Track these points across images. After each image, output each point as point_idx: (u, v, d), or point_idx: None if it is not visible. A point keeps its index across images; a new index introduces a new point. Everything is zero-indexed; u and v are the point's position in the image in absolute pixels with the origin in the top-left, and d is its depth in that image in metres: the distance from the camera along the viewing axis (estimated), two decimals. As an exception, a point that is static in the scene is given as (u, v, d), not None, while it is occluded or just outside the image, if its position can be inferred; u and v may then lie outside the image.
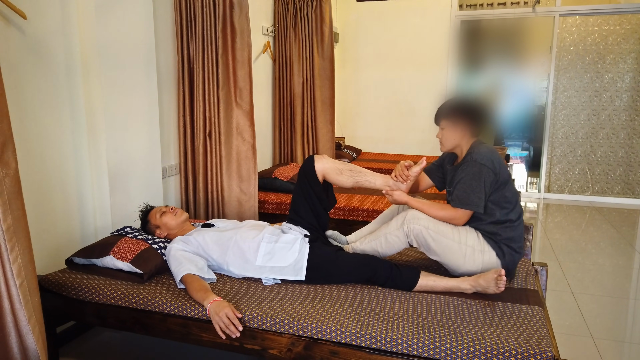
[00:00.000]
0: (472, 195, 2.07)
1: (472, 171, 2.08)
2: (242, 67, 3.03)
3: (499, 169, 2.09)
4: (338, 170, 2.30)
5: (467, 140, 2.21)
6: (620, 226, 4.63)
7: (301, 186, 2.32)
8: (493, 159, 2.09)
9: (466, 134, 2.19)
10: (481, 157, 2.08)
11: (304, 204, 2.30)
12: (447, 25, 5.74)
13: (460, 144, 2.22)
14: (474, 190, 2.07)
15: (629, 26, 5.37)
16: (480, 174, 2.06)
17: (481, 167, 2.06)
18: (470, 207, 2.08)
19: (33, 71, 2.20)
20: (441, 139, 2.28)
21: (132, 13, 2.57)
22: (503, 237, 2.12)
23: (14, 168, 1.52)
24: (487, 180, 2.07)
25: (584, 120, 5.64)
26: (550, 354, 1.55)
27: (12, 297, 1.56)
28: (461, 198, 2.09)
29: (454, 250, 2.11)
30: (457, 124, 2.19)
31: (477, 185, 2.06)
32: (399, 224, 2.20)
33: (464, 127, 2.18)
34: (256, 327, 1.83)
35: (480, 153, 2.10)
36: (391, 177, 2.31)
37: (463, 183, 2.10)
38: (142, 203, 2.64)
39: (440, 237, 2.12)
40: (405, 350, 1.66)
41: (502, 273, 1.93)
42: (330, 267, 2.09)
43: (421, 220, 2.15)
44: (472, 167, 2.08)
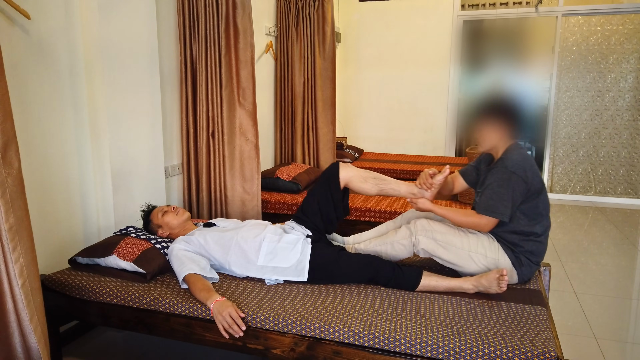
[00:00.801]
0: (498, 203, 2.01)
1: (502, 178, 2.01)
2: (245, 67, 3.03)
3: (532, 177, 2.01)
4: (362, 178, 2.30)
5: (505, 141, 2.13)
6: (622, 226, 4.62)
7: (320, 190, 2.31)
8: (525, 166, 2.02)
9: (504, 135, 2.12)
10: (512, 163, 2.01)
11: (317, 207, 2.29)
12: (449, 25, 5.74)
13: (498, 145, 2.15)
14: (501, 198, 2.00)
15: (632, 26, 5.36)
16: (510, 182, 1.99)
17: (511, 175, 1.99)
18: (495, 215, 2.02)
19: (36, 71, 2.20)
20: (479, 139, 2.20)
21: (135, 13, 2.58)
22: (524, 249, 2.08)
23: (16, 167, 1.52)
24: (517, 189, 2.00)
25: (586, 120, 5.63)
26: (553, 354, 1.55)
27: (15, 297, 1.56)
28: (487, 205, 2.04)
29: (464, 258, 2.11)
30: (498, 124, 2.11)
31: (505, 193, 2.00)
32: (408, 234, 2.20)
33: (504, 128, 2.11)
34: (259, 326, 1.83)
35: (512, 159, 2.03)
36: (415, 185, 2.29)
37: (491, 189, 2.04)
38: (144, 203, 2.64)
39: (449, 246, 2.12)
40: (408, 350, 1.66)
41: (504, 273, 1.93)
42: (332, 268, 2.09)
43: (428, 232, 2.15)
44: (502, 173, 2.02)
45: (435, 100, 5.89)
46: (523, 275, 2.10)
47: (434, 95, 5.90)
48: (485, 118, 2.15)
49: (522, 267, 2.09)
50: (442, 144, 5.94)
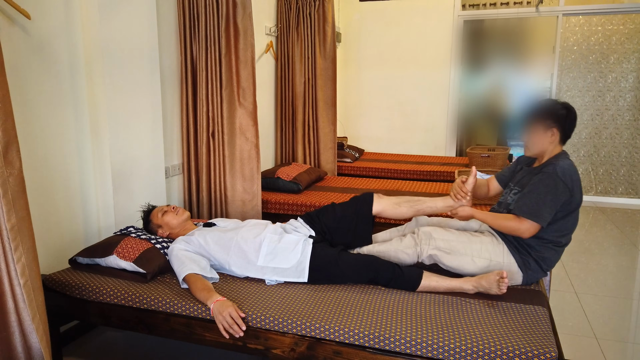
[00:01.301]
0: (543, 208, 1.96)
1: (549, 184, 1.97)
2: (245, 67, 3.03)
3: (577, 190, 1.99)
4: (395, 204, 2.34)
5: (555, 147, 2.10)
6: (623, 226, 4.62)
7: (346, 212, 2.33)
8: (574, 177, 1.99)
9: (555, 140, 2.08)
10: (562, 171, 1.98)
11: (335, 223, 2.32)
12: (450, 25, 5.73)
13: (548, 150, 2.11)
14: (546, 203, 1.96)
15: (633, 26, 5.35)
16: (557, 189, 1.96)
17: (559, 182, 1.96)
18: (539, 220, 1.97)
19: (37, 71, 2.21)
20: (527, 142, 2.15)
21: (135, 13, 2.58)
22: (542, 255, 2.07)
23: (18, 168, 1.53)
24: (561, 197, 1.96)
25: (587, 120, 5.62)
26: (554, 354, 1.55)
27: (16, 297, 1.56)
28: (531, 209, 1.98)
29: (468, 263, 2.11)
30: (550, 128, 2.07)
31: (550, 200, 1.96)
32: (412, 243, 2.21)
33: (555, 132, 2.07)
34: (259, 326, 1.83)
35: (562, 167, 1.99)
36: (451, 198, 2.27)
37: (536, 193, 1.99)
38: (144, 203, 2.65)
39: (453, 253, 2.13)
40: (408, 350, 1.66)
41: (503, 275, 1.92)
42: (332, 269, 2.09)
43: (431, 240, 2.16)
44: (550, 179, 1.98)
45: (436, 100, 5.89)
46: (529, 278, 2.09)
47: (434, 95, 5.90)
48: (538, 122, 2.10)
49: (528, 271, 2.08)
50: (443, 144, 5.94)
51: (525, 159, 2.30)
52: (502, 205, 2.23)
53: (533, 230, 2.00)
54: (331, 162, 4.64)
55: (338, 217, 2.33)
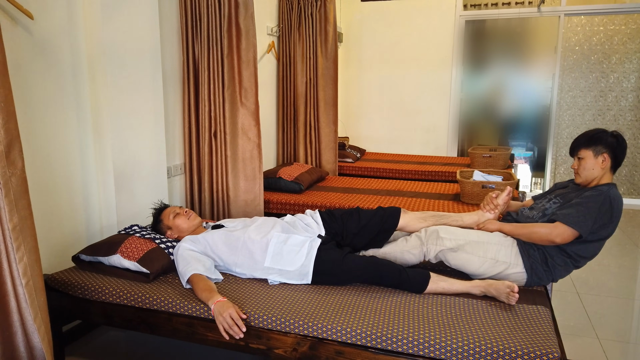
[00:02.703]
0: (589, 219, 1.96)
1: (600, 200, 1.98)
2: (247, 67, 3.03)
3: (616, 221, 2.00)
4: (421, 218, 2.34)
5: (607, 172, 2.10)
6: (625, 227, 4.61)
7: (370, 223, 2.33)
8: (619, 207, 2.00)
9: (606, 166, 2.08)
10: (613, 196, 1.99)
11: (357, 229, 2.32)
12: (451, 25, 5.73)
13: (599, 177, 2.10)
14: (591, 215, 1.96)
15: (635, 26, 5.35)
16: (604, 207, 1.97)
17: (607, 202, 1.97)
18: (579, 227, 1.96)
19: (39, 71, 2.21)
20: (578, 169, 2.15)
21: (137, 13, 2.58)
22: (555, 265, 2.06)
23: (20, 168, 1.53)
24: (603, 219, 1.98)
25: (589, 120, 5.61)
26: (556, 355, 1.55)
27: (19, 296, 1.57)
28: (573, 216, 1.98)
29: (475, 263, 2.11)
30: (599, 154, 2.08)
31: (595, 214, 1.96)
32: (418, 243, 2.21)
33: (605, 157, 2.07)
34: (261, 326, 1.83)
35: (614, 193, 2.01)
36: (481, 209, 2.31)
37: (585, 206, 1.99)
38: (153, 201, 2.64)
39: (460, 252, 2.13)
40: (410, 350, 1.66)
41: (515, 289, 1.89)
42: (336, 273, 2.07)
43: (439, 240, 2.16)
44: (602, 196, 1.99)
45: (438, 100, 5.89)
46: (532, 282, 2.09)
47: (436, 95, 5.89)
48: (589, 147, 2.10)
49: (534, 274, 2.07)
50: (444, 144, 5.94)
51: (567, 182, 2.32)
52: (537, 210, 2.21)
53: (567, 236, 1.99)
54: (332, 162, 4.64)
55: (362, 225, 2.33)
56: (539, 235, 2.03)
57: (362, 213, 2.37)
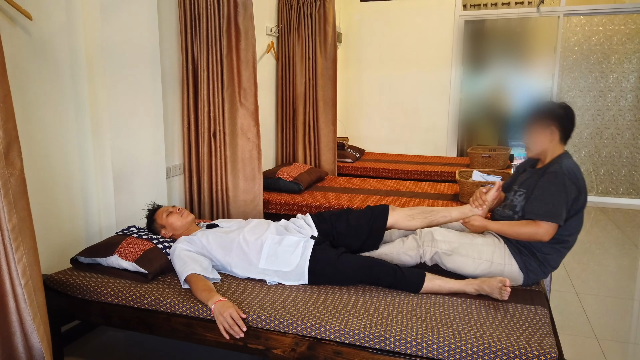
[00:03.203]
0: (558, 207, 1.96)
1: (558, 182, 1.98)
2: (246, 68, 3.03)
3: (583, 190, 1.99)
4: (409, 216, 2.31)
5: (555, 146, 2.12)
6: (624, 227, 4.61)
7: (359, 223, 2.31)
8: (579, 177, 2.00)
9: (555, 139, 2.10)
10: (569, 170, 1.99)
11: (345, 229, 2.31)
12: (451, 25, 5.73)
13: (549, 149, 2.13)
14: (559, 202, 1.96)
15: (634, 26, 5.35)
16: (566, 187, 1.97)
17: (567, 180, 1.97)
18: (556, 219, 1.96)
19: (38, 72, 2.21)
20: (528, 143, 2.18)
21: (136, 14, 2.58)
22: (543, 255, 2.07)
23: (19, 168, 1.53)
24: (571, 195, 1.97)
25: (588, 120, 5.62)
26: (554, 355, 1.55)
27: (17, 296, 1.57)
28: (547, 211, 1.98)
29: (470, 266, 2.11)
30: (550, 128, 2.10)
31: (561, 197, 1.96)
32: (415, 245, 2.21)
33: (556, 132, 2.09)
34: (260, 326, 1.83)
35: (569, 167, 2.01)
36: (470, 204, 2.28)
37: (548, 194, 2.00)
38: (148, 202, 2.65)
39: (456, 255, 2.13)
40: (408, 350, 1.66)
41: (506, 284, 1.91)
42: (332, 272, 2.07)
43: (434, 242, 2.16)
44: (558, 178, 1.99)
45: (437, 100, 5.89)
46: (529, 279, 2.10)
47: (435, 95, 5.89)
48: (537, 123, 2.13)
49: (529, 273, 2.08)
50: (444, 144, 5.94)
51: (529, 163, 2.31)
52: (508, 207, 2.22)
53: (552, 232, 2.00)
54: (332, 163, 4.64)
55: (352, 225, 2.32)
56: (526, 235, 2.04)
57: (352, 214, 2.36)
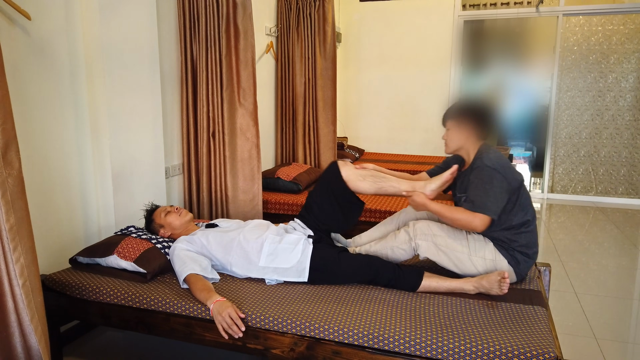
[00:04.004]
0: (487, 200, 2.00)
1: (484, 175, 2.02)
2: (245, 68, 3.03)
3: (510, 174, 2.03)
4: (361, 176, 2.24)
5: (473, 142, 2.17)
6: (623, 226, 4.62)
7: (321, 190, 2.30)
8: (503, 164, 2.04)
9: (471, 135, 2.16)
10: (491, 162, 2.03)
11: (318, 207, 2.28)
12: (450, 25, 5.73)
13: (465, 146, 2.19)
14: (488, 195, 2.00)
15: (633, 26, 5.35)
16: (492, 179, 2.00)
17: (492, 172, 2.01)
18: (486, 211, 2.00)
19: (37, 71, 2.21)
20: (446, 140, 2.25)
21: (135, 14, 2.58)
22: (519, 243, 2.08)
23: (17, 168, 1.53)
24: (501, 186, 2.00)
25: (587, 120, 5.62)
26: (553, 355, 1.55)
27: (15, 297, 1.56)
28: (477, 203, 2.01)
29: (464, 261, 2.11)
30: (463, 125, 2.17)
31: (490, 190, 2.00)
32: (407, 238, 2.20)
33: (469, 129, 2.16)
34: (259, 326, 1.83)
35: (490, 158, 2.05)
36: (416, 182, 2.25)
37: (477, 188, 2.03)
38: (146, 202, 2.65)
39: (449, 250, 2.12)
40: (407, 350, 1.66)
41: (505, 275, 1.92)
42: (333, 268, 2.09)
43: (428, 236, 2.15)
44: (484, 171, 2.03)
45: (436, 100, 5.89)
46: (521, 272, 2.11)
47: (434, 95, 5.90)
48: (452, 121, 2.21)
49: (519, 265, 2.09)
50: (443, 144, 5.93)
51: (455, 162, 2.34)
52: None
53: (486, 223, 2.01)
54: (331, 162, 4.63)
55: (319, 202, 2.29)
56: (462, 221, 2.04)
57: (314, 192, 2.33)
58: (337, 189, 2.25)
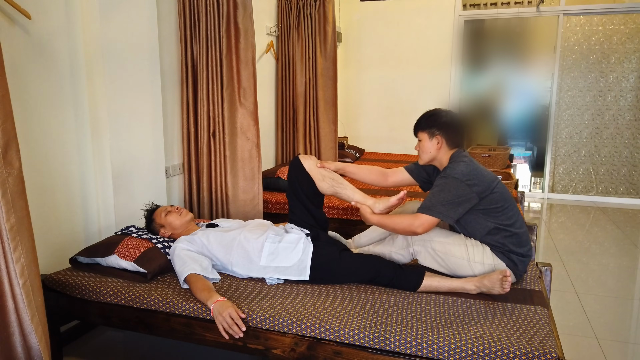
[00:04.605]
0: (435, 202, 2.00)
1: (443, 182, 2.04)
2: (246, 67, 3.03)
3: (477, 180, 2.02)
4: (321, 175, 2.33)
5: (445, 152, 2.16)
6: (624, 226, 4.61)
7: (292, 187, 2.36)
8: (469, 172, 2.02)
9: (442, 146, 2.15)
10: (455, 172, 2.03)
11: (297, 204, 2.34)
12: (450, 24, 5.73)
13: (437, 157, 2.18)
14: (438, 198, 2.00)
15: (634, 25, 5.35)
16: (450, 186, 2.01)
17: (453, 180, 2.01)
18: (430, 212, 1.99)
19: (37, 71, 2.20)
20: (418, 152, 2.24)
21: (136, 13, 2.58)
22: (509, 247, 2.07)
23: (17, 167, 1.53)
24: (457, 194, 2.00)
25: (588, 120, 5.62)
26: (554, 355, 1.54)
27: (16, 297, 1.56)
28: (423, 205, 2.03)
29: (464, 267, 2.10)
30: (432, 136, 2.16)
31: (442, 194, 2.01)
32: (405, 244, 2.20)
33: (438, 139, 2.14)
34: (259, 326, 1.83)
35: (454, 168, 2.05)
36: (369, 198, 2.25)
37: (431, 193, 2.06)
38: (147, 202, 2.64)
39: (448, 256, 2.11)
40: (408, 350, 1.66)
41: (507, 274, 1.92)
42: (334, 267, 2.09)
43: (427, 241, 2.14)
44: (445, 179, 2.05)
45: (437, 100, 5.88)
46: (520, 272, 2.11)
47: (435, 95, 5.89)
48: (422, 132, 2.20)
49: (517, 267, 2.09)
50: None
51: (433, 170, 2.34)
52: None
53: (427, 225, 2.00)
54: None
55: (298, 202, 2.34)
56: (403, 225, 2.04)
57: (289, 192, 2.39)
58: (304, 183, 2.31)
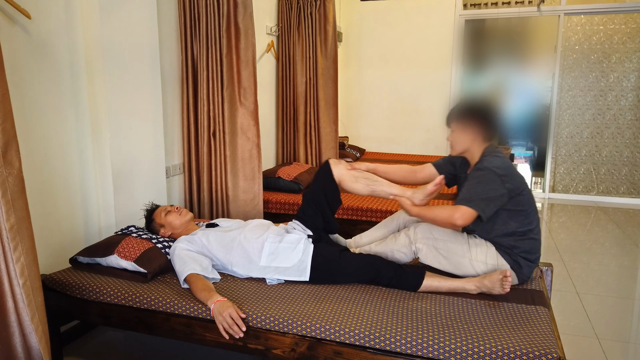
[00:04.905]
0: (474, 195, 1.96)
1: (481, 175, 2.00)
2: (246, 67, 3.03)
3: (511, 179, 1.99)
4: (354, 177, 2.28)
5: (479, 144, 2.12)
6: (625, 226, 4.61)
7: (314, 190, 2.30)
8: (505, 167, 2.00)
9: (477, 137, 2.11)
10: (492, 164, 2.00)
11: (314, 206, 2.29)
12: (451, 24, 5.73)
13: (471, 149, 2.14)
14: (477, 191, 1.97)
15: (635, 25, 5.34)
16: (487, 179, 1.97)
17: (490, 173, 1.97)
18: (469, 204, 1.94)
19: (37, 71, 2.20)
20: (451, 142, 2.18)
21: (136, 13, 2.57)
22: (521, 249, 2.06)
23: (17, 167, 1.52)
24: (495, 188, 1.96)
25: (589, 119, 5.61)
26: (555, 355, 1.54)
27: (16, 296, 1.56)
28: (462, 197, 1.99)
29: (466, 265, 2.09)
30: (468, 127, 2.11)
31: (480, 186, 1.97)
32: (407, 242, 2.19)
33: (475, 130, 2.10)
34: (260, 326, 1.82)
35: (489, 161, 2.02)
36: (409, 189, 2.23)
37: (469, 185, 2.01)
38: (147, 202, 2.64)
39: (450, 255, 2.10)
40: (409, 350, 1.65)
41: (507, 274, 1.92)
42: (334, 267, 2.09)
43: (429, 239, 2.13)
44: (482, 172, 2.00)
45: (437, 99, 5.88)
46: (523, 276, 2.09)
47: (435, 94, 5.89)
48: (456, 123, 2.14)
49: (521, 270, 2.08)
50: (444, 144, 5.93)
51: (461, 163, 2.30)
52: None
53: (467, 217, 1.94)
54: (332, 162, 4.63)
55: (315, 205, 2.29)
56: (442, 217, 1.99)
57: (308, 192, 2.34)
58: (329, 190, 2.27)
